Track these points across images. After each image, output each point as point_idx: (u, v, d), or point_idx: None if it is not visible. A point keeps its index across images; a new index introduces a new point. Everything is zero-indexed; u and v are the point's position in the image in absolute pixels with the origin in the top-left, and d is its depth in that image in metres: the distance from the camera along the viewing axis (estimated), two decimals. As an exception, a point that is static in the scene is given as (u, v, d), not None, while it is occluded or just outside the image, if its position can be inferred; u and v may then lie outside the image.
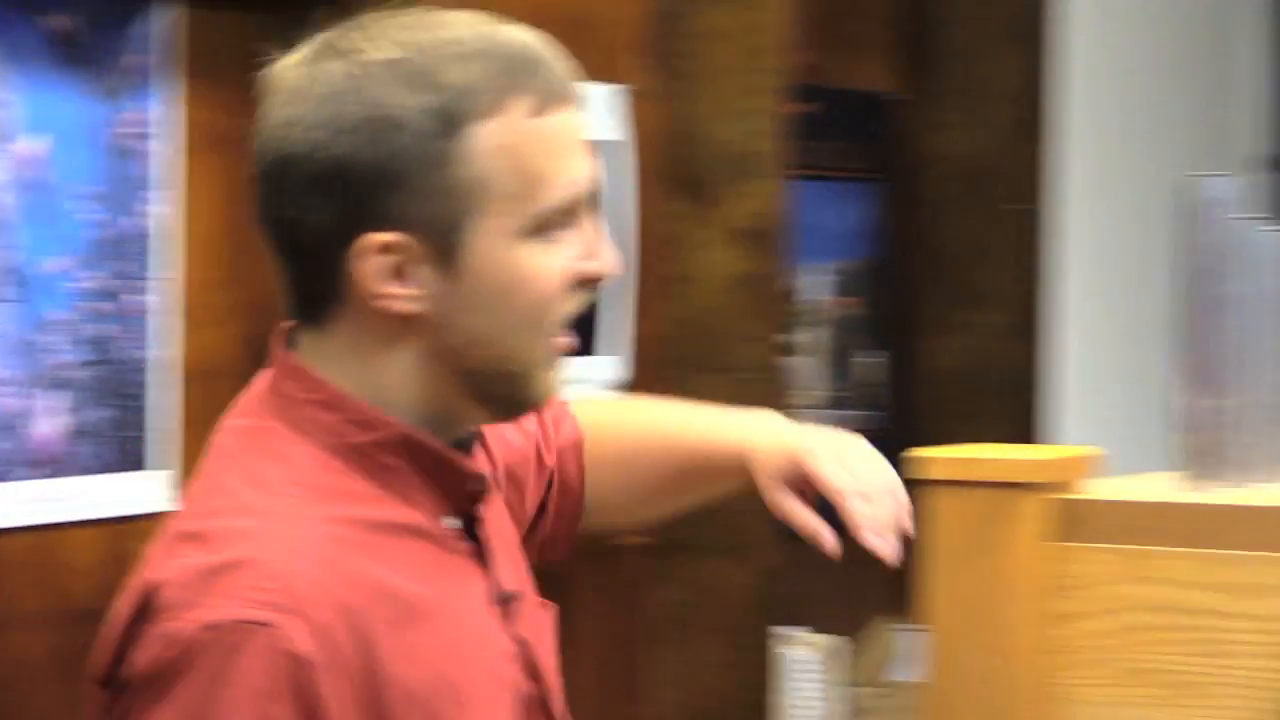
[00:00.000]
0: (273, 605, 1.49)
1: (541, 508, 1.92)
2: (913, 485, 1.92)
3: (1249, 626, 1.93)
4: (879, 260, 3.81)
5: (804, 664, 3.42)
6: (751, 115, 2.89)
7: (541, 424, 1.91)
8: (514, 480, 1.87)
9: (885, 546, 1.74)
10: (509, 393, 1.66)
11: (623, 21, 2.93)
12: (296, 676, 1.48)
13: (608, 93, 2.70)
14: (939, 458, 2.06)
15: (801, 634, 3.47)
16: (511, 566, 1.76)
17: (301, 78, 1.60)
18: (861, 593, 3.68)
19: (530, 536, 1.89)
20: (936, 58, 3.92)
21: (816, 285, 3.68)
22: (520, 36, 1.64)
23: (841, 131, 3.65)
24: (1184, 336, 2.06)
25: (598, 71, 1.75)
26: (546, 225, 1.61)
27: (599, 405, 2.07)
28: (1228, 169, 4.52)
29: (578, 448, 1.94)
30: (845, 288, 3.74)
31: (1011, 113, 3.91)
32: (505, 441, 1.86)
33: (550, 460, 1.92)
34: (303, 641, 1.48)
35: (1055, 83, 3.93)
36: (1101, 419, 2.01)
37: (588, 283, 1.65)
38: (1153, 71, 4.41)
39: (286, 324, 1.65)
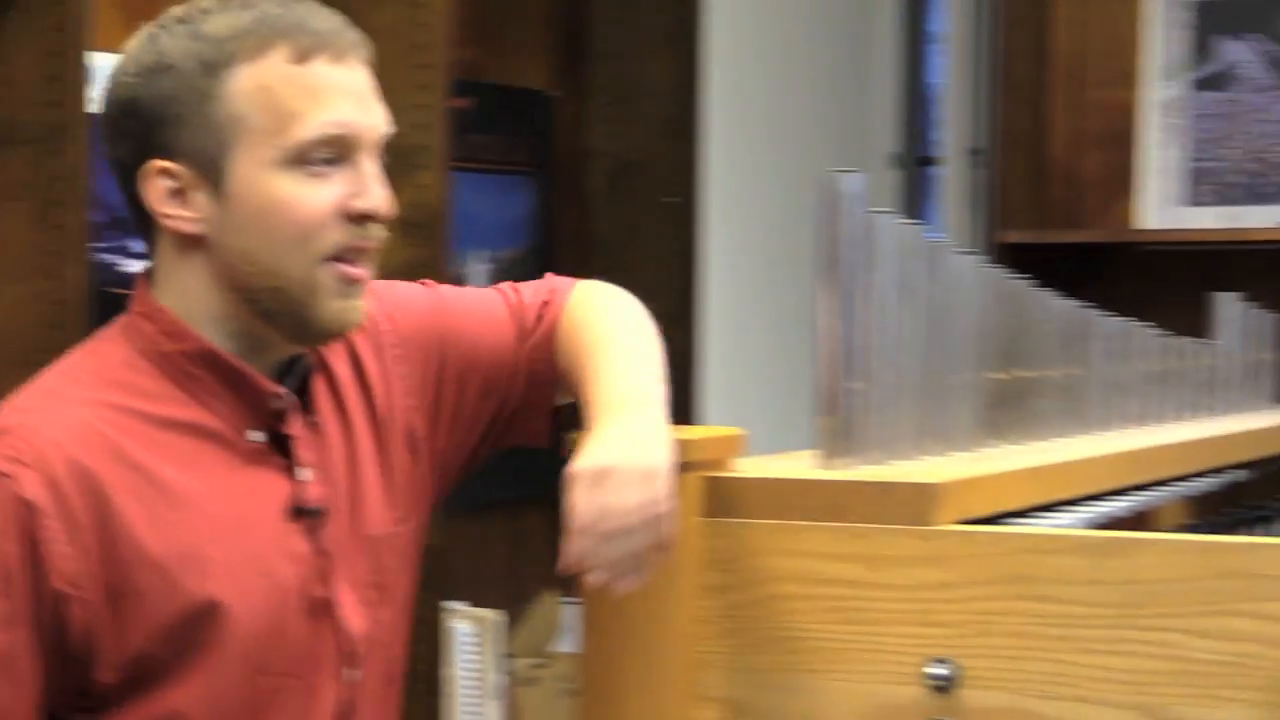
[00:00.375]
0: (14, 459, 1.73)
1: (506, 403, 2.05)
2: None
3: (888, 596, 1.93)
4: (536, 250, 3.84)
5: (467, 637, 3.41)
6: (416, 110, 2.91)
7: (535, 322, 2.07)
8: (474, 387, 2.03)
9: (605, 581, 1.84)
10: (291, 313, 1.84)
11: None
12: (23, 519, 1.71)
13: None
14: (595, 438, 2.07)
15: (464, 608, 3.46)
16: (342, 485, 1.92)
17: (134, 39, 1.85)
18: (531, 567, 3.75)
19: (495, 430, 2.06)
20: (591, 57, 3.96)
21: (476, 274, 3.71)
22: (292, 5, 1.86)
23: (500, 126, 3.67)
24: (823, 323, 2.06)
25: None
26: (304, 159, 1.82)
27: (596, 299, 2.15)
28: (866, 166, 4.69)
29: (550, 341, 2.06)
30: (503, 276, 3.77)
31: (663, 110, 3.95)
32: (474, 340, 2.03)
33: (523, 362, 2.05)
34: (33, 490, 1.72)
35: (705, 82, 3.98)
36: (750, 401, 2.04)
37: (356, 217, 1.83)
38: (797, 74, 4.50)
39: None
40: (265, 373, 1.87)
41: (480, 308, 2.07)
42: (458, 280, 3.59)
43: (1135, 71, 4.66)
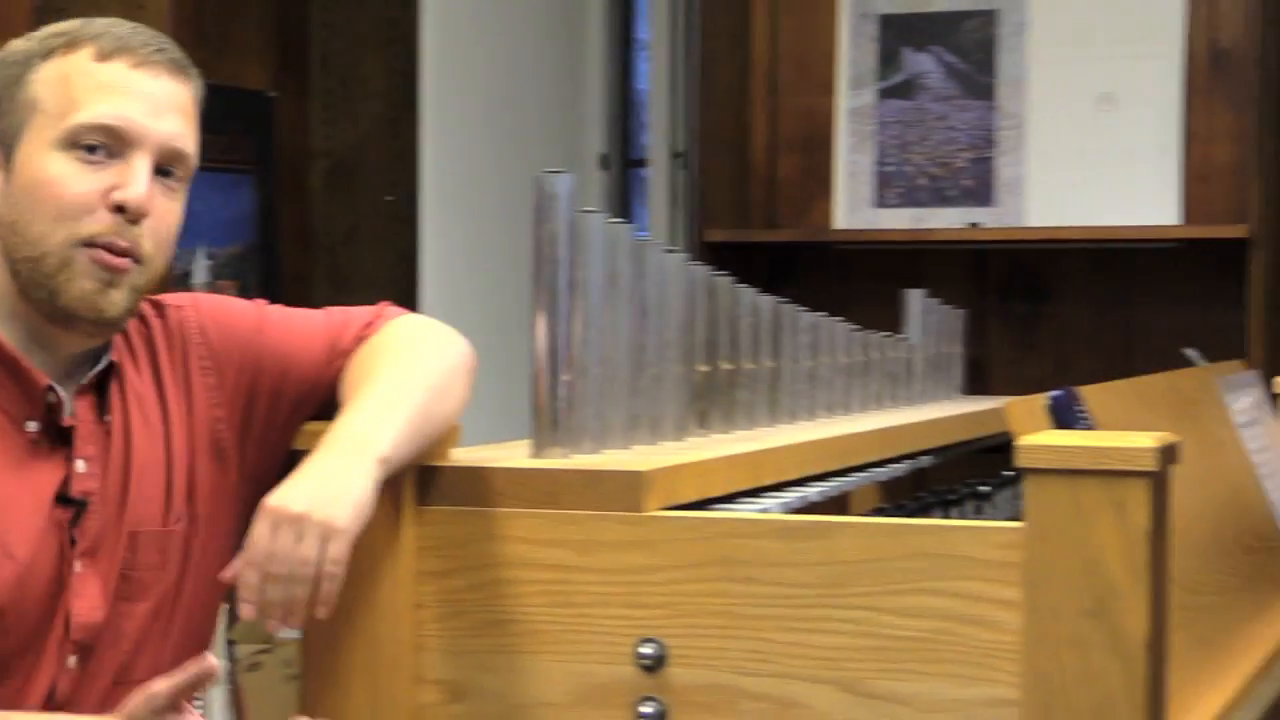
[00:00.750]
0: None
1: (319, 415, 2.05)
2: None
3: (599, 579, 1.94)
4: (258, 247, 3.81)
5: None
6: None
7: (350, 343, 2.09)
8: (287, 401, 2.06)
9: (253, 615, 1.85)
10: (44, 287, 1.87)
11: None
12: None
13: None
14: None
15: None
16: (114, 480, 1.93)
17: None
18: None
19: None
20: (310, 59, 3.95)
21: (199, 270, 3.67)
22: (124, 23, 1.94)
23: (222, 126, 3.62)
24: (538, 317, 2.07)
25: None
26: (77, 143, 1.86)
27: (404, 332, 2.13)
28: (577, 167, 4.70)
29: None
30: (225, 273, 3.73)
31: (381, 110, 3.95)
32: (288, 359, 2.06)
33: (328, 379, 2.06)
34: None
35: (421, 84, 3.99)
36: (473, 395, 2.05)
37: (115, 207, 1.86)
38: (511, 77, 4.50)
39: None
40: (51, 369, 1.90)
41: (300, 327, 2.09)
42: (181, 276, 3.55)
43: (828, 80, 4.73)
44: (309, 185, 3.96)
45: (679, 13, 4.82)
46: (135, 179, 1.87)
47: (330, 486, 1.84)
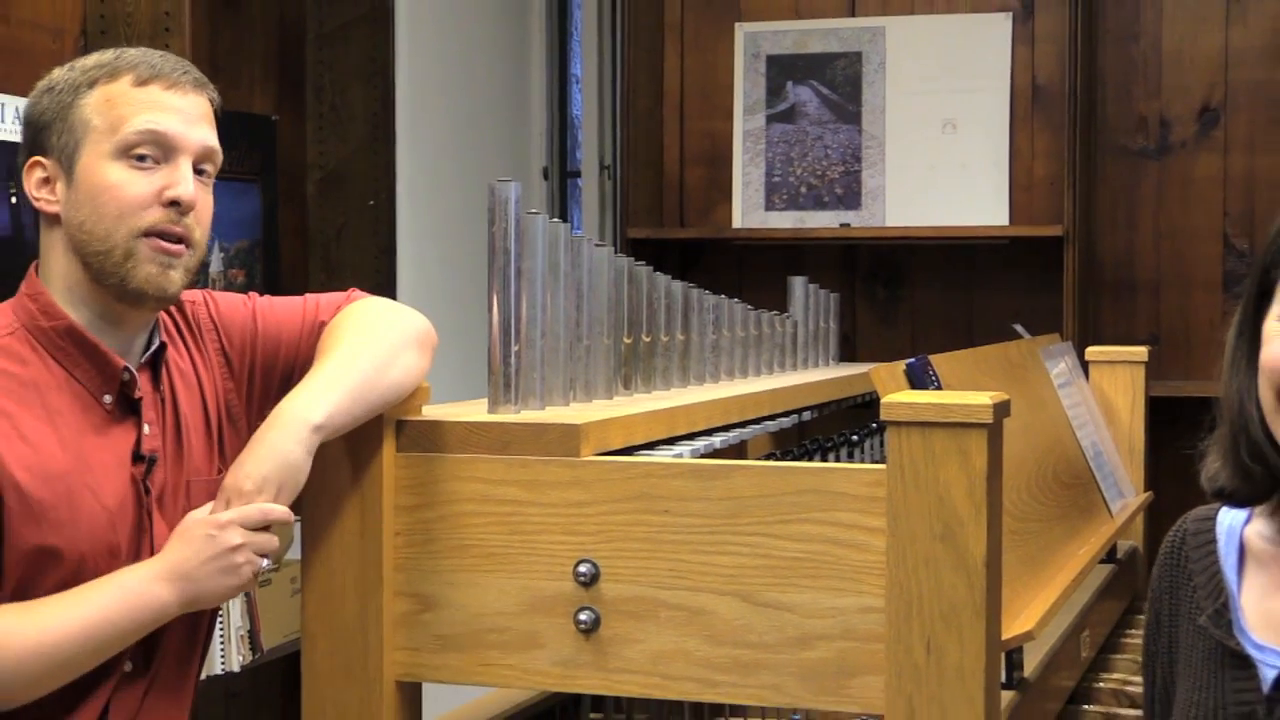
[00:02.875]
0: None
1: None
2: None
3: (543, 512, 1.95)
4: (263, 242, 3.78)
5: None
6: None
7: (324, 320, 2.08)
8: (277, 374, 2.06)
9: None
10: (114, 274, 1.87)
11: (54, 53, 2.86)
12: None
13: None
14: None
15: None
16: (171, 440, 1.95)
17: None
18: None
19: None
20: (306, 89, 3.92)
21: (214, 260, 3.64)
22: (155, 52, 1.96)
23: (234, 143, 3.60)
24: (493, 299, 2.08)
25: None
26: (129, 152, 1.87)
27: (366, 313, 2.09)
28: (524, 178, 4.68)
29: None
30: (234, 261, 3.71)
31: (364, 131, 3.92)
32: (274, 339, 2.07)
33: (305, 353, 2.05)
34: None
35: (397, 110, 3.97)
36: (437, 362, 2.04)
37: (168, 203, 1.88)
38: (470, 104, 4.48)
39: None
40: (119, 349, 1.91)
41: (284, 313, 2.09)
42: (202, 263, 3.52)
43: (727, 107, 4.72)
44: (305, 192, 3.94)
45: (606, 53, 4.82)
46: (183, 178, 1.90)
47: (271, 461, 1.85)
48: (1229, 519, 1.71)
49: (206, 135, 1.94)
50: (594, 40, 4.86)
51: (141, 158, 1.88)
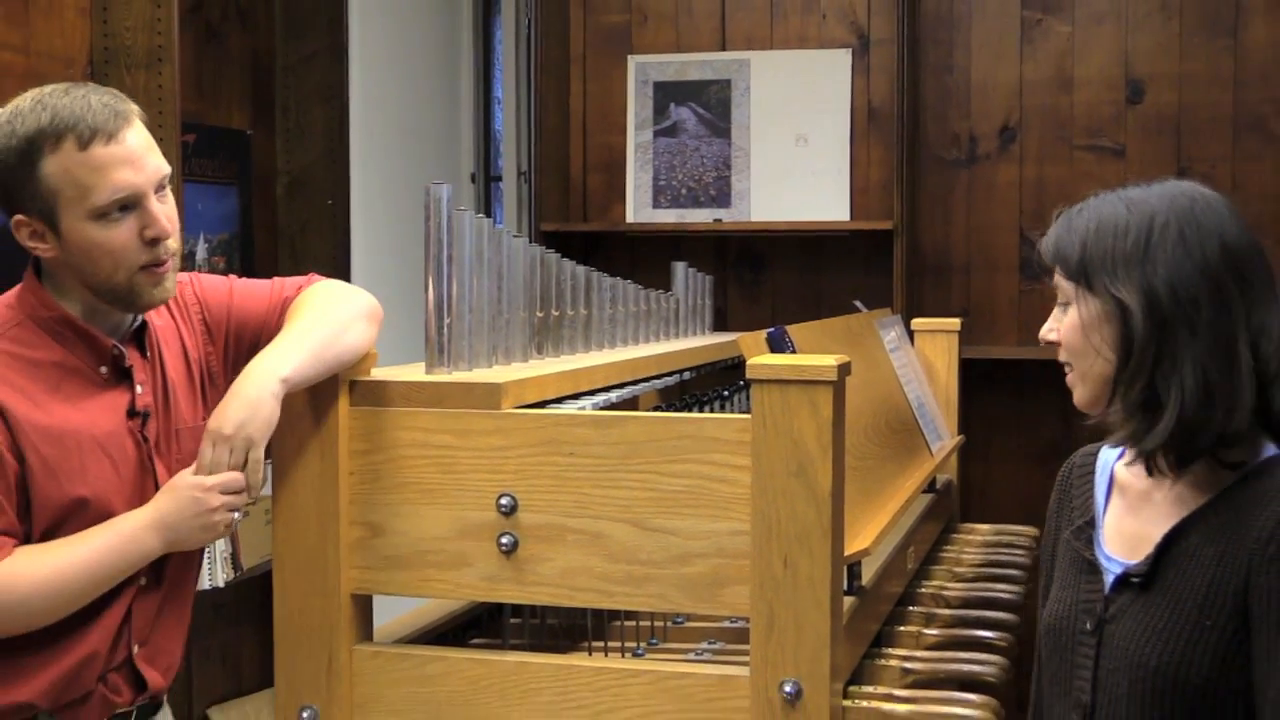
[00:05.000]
0: None
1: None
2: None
3: (471, 455, 1.95)
4: (239, 236, 3.74)
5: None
6: (160, 142, 2.79)
7: (288, 299, 2.02)
8: (246, 342, 2.00)
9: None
10: (121, 300, 1.83)
11: (67, 78, 2.79)
12: None
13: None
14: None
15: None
16: (160, 397, 1.91)
17: None
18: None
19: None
20: (274, 108, 3.87)
21: (200, 250, 3.59)
22: (77, 100, 1.77)
23: (215, 153, 3.55)
24: (430, 281, 2.07)
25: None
26: (103, 215, 1.78)
27: (323, 293, 2.03)
28: (455, 181, 4.64)
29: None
30: (216, 251, 3.66)
31: (323, 144, 3.88)
32: (246, 311, 2.01)
33: (272, 325, 1.99)
34: None
35: (350, 125, 3.93)
36: (385, 335, 2.02)
37: (149, 242, 1.81)
38: (411, 120, 4.44)
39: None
40: (106, 329, 1.87)
41: (255, 292, 2.05)
42: (189, 255, 3.45)
43: (621, 124, 4.70)
44: (274, 194, 3.88)
45: (522, 79, 4.79)
46: (154, 218, 1.82)
47: (246, 408, 1.81)
48: (1108, 456, 1.73)
49: (156, 164, 1.82)
50: (513, 68, 4.83)
51: (116, 212, 1.79)
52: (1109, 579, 1.62)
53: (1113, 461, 1.72)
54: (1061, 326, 1.63)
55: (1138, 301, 1.54)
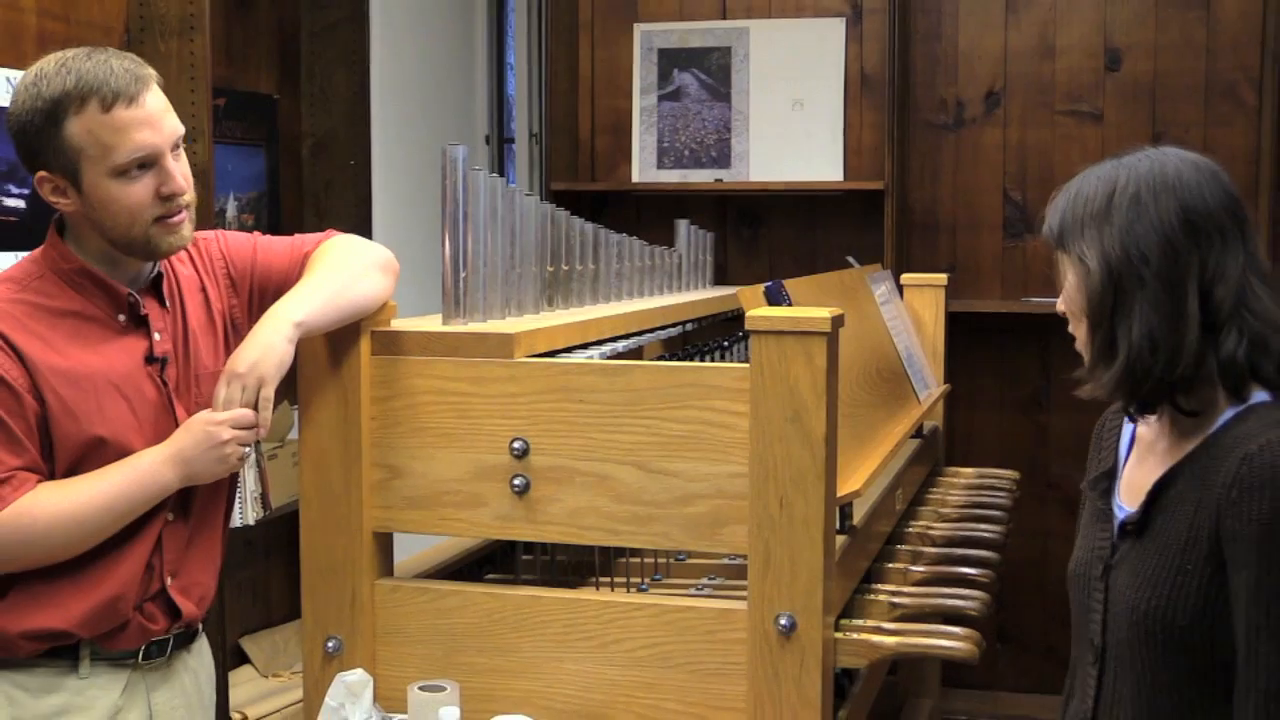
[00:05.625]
0: None
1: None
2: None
3: (486, 401, 1.94)
4: (267, 195, 3.72)
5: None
6: (190, 107, 2.77)
7: (307, 253, 2.01)
8: (269, 294, 1.97)
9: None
10: (138, 250, 1.82)
11: (105, 45, 2.77)
12: None
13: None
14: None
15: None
16: (180, 343, 1.90)
17: (19, 84, 1.78)
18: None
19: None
20: (300, 73, 3.85)
21: (230, 208, 3.57)
22: (99, 64, 1.76)
23: (244, 116, 3.54)
24: (447, 237, 2.06)
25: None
26: (123, 172, 1.77)
27: (340, 247, 2.02)
28: (471, 143, 4.61)
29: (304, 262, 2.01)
30: (245, 209, 3.65)
31: (346, 107, 3.86)
32: (268, 265, 2.00)
33: (293, 277, 1.98)
34: None
35: (373, 90, 3.91)
36: (405, 288, 2.02)
37: (165, 197, 1.80)
38: (430, 85, 4.41)
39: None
40: (123, 279, 1.86)
41: (278, 248, 2.04)
42: (219, 212, 3.44)
43: (628, 89, 4.67)
44: (300, 155, 3.86)
45: (534, 45, 4.75)
46: (170, 175, 1.80)
47: (260, 349, 1.82)
48: None
49: (172, 125, 1.81)
50: (525, 35, 4.80)
51: (135, 170, 1.78)
52: (1116, 525, 1.62)
53: None
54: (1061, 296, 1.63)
55: (1096, 259, 1.53)
